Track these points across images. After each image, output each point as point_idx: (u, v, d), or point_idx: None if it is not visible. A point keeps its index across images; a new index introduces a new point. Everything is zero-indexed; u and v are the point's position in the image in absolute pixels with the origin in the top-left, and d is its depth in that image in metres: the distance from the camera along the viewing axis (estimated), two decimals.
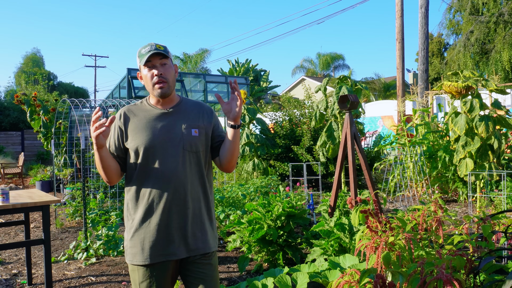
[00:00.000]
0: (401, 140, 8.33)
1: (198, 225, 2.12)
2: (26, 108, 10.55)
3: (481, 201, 6.65)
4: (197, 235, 2.11)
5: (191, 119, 2.16)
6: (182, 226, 2.07)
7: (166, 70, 2.09)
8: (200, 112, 2.22)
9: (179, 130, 2.11)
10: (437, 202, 2.59)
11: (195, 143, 2.12)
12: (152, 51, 2.04)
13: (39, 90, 22.85)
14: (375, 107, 14.99)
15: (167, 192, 2.04)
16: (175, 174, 2.05)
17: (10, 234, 6.47)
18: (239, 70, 29.09)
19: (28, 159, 17.83)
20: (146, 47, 2.08)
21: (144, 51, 2.07)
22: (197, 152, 2.13)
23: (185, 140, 2.10)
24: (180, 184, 2.06)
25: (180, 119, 2.14)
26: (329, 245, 3.85)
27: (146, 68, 2.08)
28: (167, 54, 2.08)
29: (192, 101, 2.26)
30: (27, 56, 37.60)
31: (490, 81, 6.38)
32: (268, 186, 6.77)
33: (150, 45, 2.08)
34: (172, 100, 2.18)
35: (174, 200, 2.05)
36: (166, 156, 2.06)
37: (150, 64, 2.07)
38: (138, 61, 2.12)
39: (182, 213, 2.07)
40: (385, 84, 31.90)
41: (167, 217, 2.05)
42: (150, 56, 2.05)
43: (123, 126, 2.12)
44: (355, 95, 4.66)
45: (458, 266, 2.10)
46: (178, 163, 2.07)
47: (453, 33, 22.74)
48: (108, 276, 4.45)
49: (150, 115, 2.13)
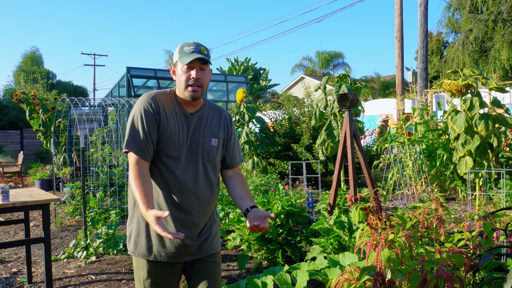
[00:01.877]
0: (400, 139, 8.33)
1: (207, 227, 2.13)
2: (25, 107, 10.53)
3: (480, 199, 6.66)
4: (206, 237, 2.12)
5: (212, 128, 2.13)
6: (192, 231, 2.06)
7: (204, 76, 2.03)
8: (220, 119, 2.19)
9: (199, 137, 2.08)
10: (438, 200, 2.60)
11: (213, 152, 2.11)
12: (197, 54, 1.97)
13: (38, 88, 22.81)
14: (375, 106, 15.00)
15: (180, 197, 2.02)
16: (190, 181, 2.03)
17: (10, 233, 6.47)
18: (239, 68, 29.09)
19: (27, 158, 17.81)
20: (190, 45, 2.01)
21: (187, 50, 1.99)
22: (214, 161, 2.12)
23: (203, 149, 2.07)
24: (194, 191, 2.04)
25: (202, 126, 2.10)
26: (328, 243, 3.85)
27: (185, 67, 2.00)
28: (209, 59, 2.01)
29: (214, 106, 2.21)
30: (26, 55, 37.54)
31: (490, 80, 6.38)
32: (268, 184, 6.77)
33: (195, 45, 2.00)
34: (198, 103, 2.13)
35: (186, 207, 2.03)
36: (184, 162, 2.03)
37: (190, 66, 2.00)
38: (177, 56, 2.04)
39: (193, 220, 2.05)
40: (384, 82, 31.89)
41: (178, 222, 2.03)
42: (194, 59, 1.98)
43: (157, 115, 2.01)
44: (354, 93, 4.66)
45: (458, 263, 2.11)
46: (194, 170, 2.05)
47: (452, 31, 22.73)
48: (108, 274, 4.45)
49: (176, 116, 2.06)
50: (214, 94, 15.80)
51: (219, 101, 15.75)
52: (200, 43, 2.04)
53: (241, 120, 9.06)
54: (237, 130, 9.28)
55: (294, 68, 38.28)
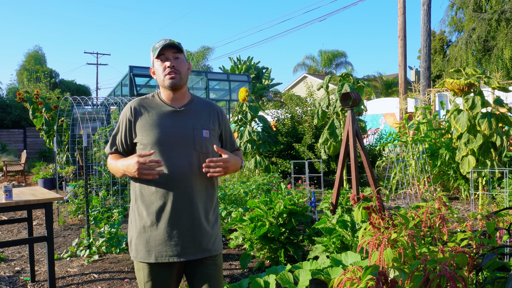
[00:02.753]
0: (403, 138, 8.31)
1: (205, 226, 2.11)
2: (28, 106, 10.56)
3: (483, 199, 6.64)
4: (204, 237, 2.10)
5: (203, 120, 2.15)
6: (190, 227, 2.05)
7: (179, 64, 2.09)
8: (211, 112, 2.21)
9: (190, 130, 2.10)
10: (441, 200, 2.59)
11: (205, 144, 2.11)
12: (166, 43, 2.06)
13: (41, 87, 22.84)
14: (377, 105, 14.98)
15: (175, 192, 2.03)
16: (184, 174, 2.04)
17: (13, 232, 6.49)
18: (241, 67, 29.09)
19: (30, 157, 17.86)
20: (160, 41, 2.09)
21: (158, 45, 2.08)
22: (207, 153, 2.12)
23: (196, 141, 2.09)
24: (188, 185, 2.04)
25: (191, 118, 2.13)
26: (331, 242, 3.85)
27: (159, 61, 2.08)
28: (180, 47, 2.09)
29: (204, 101, 2.25)
30: (29, 54, 37.62)
31: (493, 79, 6.36)
32: (270, 183, 6.77)
33: (164, 40, 2.09)
34: (184, 97, 2.17)
35: (182, 201, 2.04)
36: (176, 155, 2.05)
37: (163, 57, 2.07)
38: (151, 56, 2.11)
39: (190, 214, 2.05)
40: (387, 81, 31.82)
41: (174, 218, 2.04)
42: (164, 48, 2.06)
43: (133, 120, 2.11)
44: (357, 92, 4.65)
45: (461, 263, 2.10)
46: (188, 163, 2.06)
47: (455, 30, 22.67)
48: (110, 273, 4.46)
49: (162, 112, 2.11)
50: (217, 93, 15.79)
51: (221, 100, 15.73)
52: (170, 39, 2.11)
53: (244, 119, 9.06)
54: (239, 129, 9.27)
55: (296, 67, 38.26)
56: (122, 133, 2.15)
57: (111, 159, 2.17)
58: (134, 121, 2.11)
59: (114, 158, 2.16)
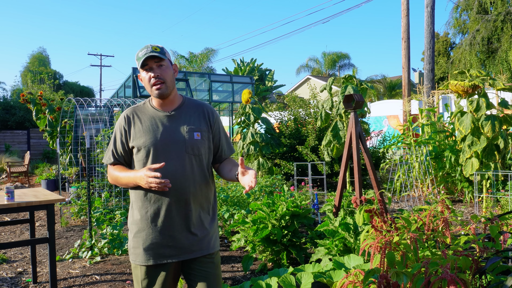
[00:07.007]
0: (407, 140, 8.28)
1: (201, 226, 2.13)
2: (32, 107, 10.60)
3: (487, 202, 6.60)
4: (200, 237, 2.11)
5: (193, 122, 2.16)
6: (185, 228, 2.08)
7: (163, 71, 2.09)
8: (201, 114, 2.22)
9: (181, 133, 2.11)
10: (444, 202, 2.57)
11: (198, 146, 2.13)
12: (147, 54, 2.04)
13: (45, 89, 22.95)
14: (381, 107, 14.94)
15: (170, 194, 2.05)
16: (178, 177, 2.06)
17: (15, 233, 6.50)
18: (244, 69, 29.10)
19: (34, 158, 17.92)
20: (142, 50, 2.08)
21: (140, 54, 2.07)
22: (200, 155, 2.14)
23: (187, 144, 2.10)
24: (183, 187, 2.06)
25: (182, 122, 2.14)
26: (333, 245, 3.83)
27: (144, 71, 2.10)
28: (162, 55, 2.07)
29: (195, 102, 2.26)
30: (33, 56, 37.81)
31: (498, 80, 6.33)
32: (273, 185, 6.75)
33: (146, 48, 2.08)
34: (174, 101, 2.18)
35: (177, 202, 2.06)
36: (169, 159, 2.06)
37: (147, 67, 2.08)
38: (137, 64, 2.12)
39: (185, 215, 2.08)
40: (390, 83, 31.73)
41: (170, 219, 2.06)
42: (146, 59, 2.06)
43: (127, 128, 2.15)
44: (360, 94, 4.63)
45: (464, 266, 2.08)
46: (181, 166, 2.08)
47: (460, 32, 22.60)
48: (112, 275, 4.46)
49: (153, 118, 2.14)
50: (220, 94, 15.81)
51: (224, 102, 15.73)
52: (153, 44, 2.10)
53: (247, 121, 9.05)
54: (242, 131, 9.27)
55: (300, 69, 38.25)
56: (119, 142, 2.17)
57: (113, 170, 2.18)
58: (128, 129, 2.15)
59: (117, 169, 2.17)
